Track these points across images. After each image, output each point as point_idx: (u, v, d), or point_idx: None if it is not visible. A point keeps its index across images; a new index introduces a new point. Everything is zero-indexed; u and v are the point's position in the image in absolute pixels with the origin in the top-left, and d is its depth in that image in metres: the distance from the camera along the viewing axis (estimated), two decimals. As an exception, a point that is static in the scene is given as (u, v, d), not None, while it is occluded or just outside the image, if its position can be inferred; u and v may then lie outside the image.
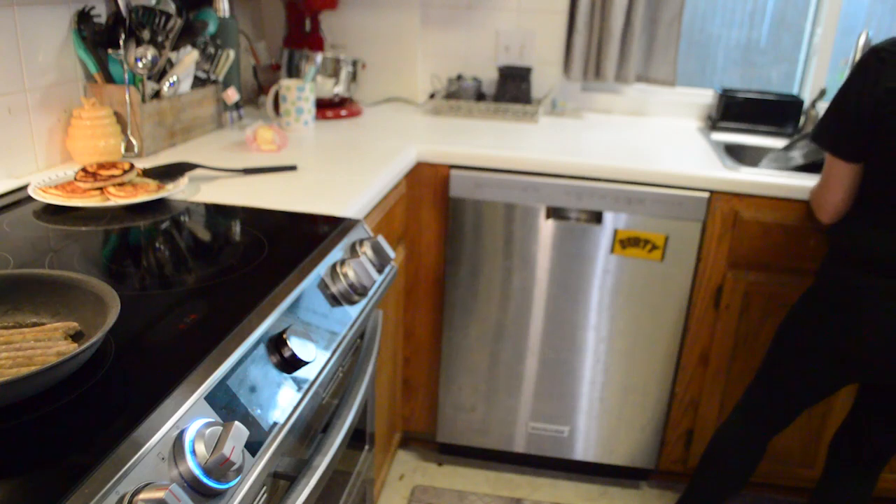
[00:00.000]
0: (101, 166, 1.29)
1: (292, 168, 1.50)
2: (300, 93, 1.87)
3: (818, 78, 2.23)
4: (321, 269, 1.03)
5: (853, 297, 1.30)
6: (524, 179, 1.76)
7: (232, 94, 1.83)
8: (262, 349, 0.82)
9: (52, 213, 1.19)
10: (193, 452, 0.63)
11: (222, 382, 0.73)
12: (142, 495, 0.56)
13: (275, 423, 0.77)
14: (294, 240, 1.12)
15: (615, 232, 1.77)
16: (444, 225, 1.86)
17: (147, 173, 1.34)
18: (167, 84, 1.60)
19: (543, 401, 1.97)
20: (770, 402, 1.54)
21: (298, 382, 0.85)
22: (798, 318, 1.47)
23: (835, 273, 1.36)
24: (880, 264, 1.26)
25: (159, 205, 1.26)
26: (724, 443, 1.59)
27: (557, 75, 2.31)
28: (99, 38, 1.50)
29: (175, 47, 1.60)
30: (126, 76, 1.50)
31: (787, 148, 1.93)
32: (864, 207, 1.33)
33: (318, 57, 2.00)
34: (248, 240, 1.11)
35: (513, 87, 2.21)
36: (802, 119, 2.14)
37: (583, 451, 2.01)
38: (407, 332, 1.99)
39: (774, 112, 2.13)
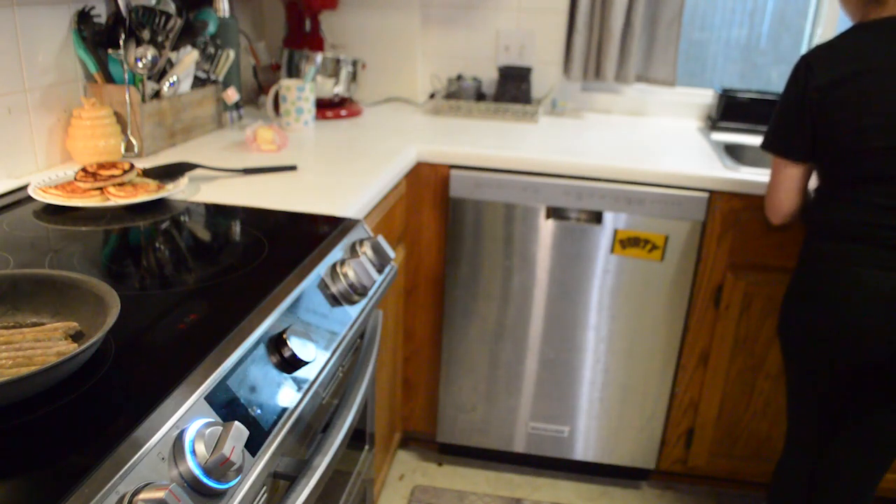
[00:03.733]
0: (101, 166, 1.29)
1: (292, 168, 1.50)
2: (300, 93, 1.87)
3: (818, 78, 2.23)
4: (321, 269, 1.03)
5: (824, 264, 1.40)
6: (524, 179, 1.76)
7: (232, 94, 1.83)
8: (262, 349, 0.82)
9: (52, 213, 1.19)
10: (193, 452, 0.63)
11: (222, 382, 0.73)
12: (142, 495, 0.56)
13: (275, 424, 0.77)
14: (294, 240, 1.12)
15: (615, 232, 1.77)
16: (444, 225, 1.86)
17: (147, 173, 1.34)
18: (167, 84, 1.60)
19: (543, 401, 1.97)
20: (802, 409, 1.54)
21: (298, 382, 0.85)
22: (788, 303, 1.50)
23: (807, 248, 1.46)
24: (840, 231, 1.38)
25: (159, 205, 1.26)
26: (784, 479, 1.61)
27: (557, 75, 2.31)
28: (99, 38, 1.50)
29: (175, 47, 1.60)
30: (126, 76, 1.50)
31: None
32: (824, 188, 1.46)
33: (318, 57, 2.00)
34: (248, 240, 1.11)
35: (513, 87, 2.21)
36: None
37: (583, 451, 2.01)
38: (407, 332, 1.99)
39: (774, 112, 2.13)
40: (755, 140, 2.08)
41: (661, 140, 2.01)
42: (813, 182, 1.51)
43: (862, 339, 1.35)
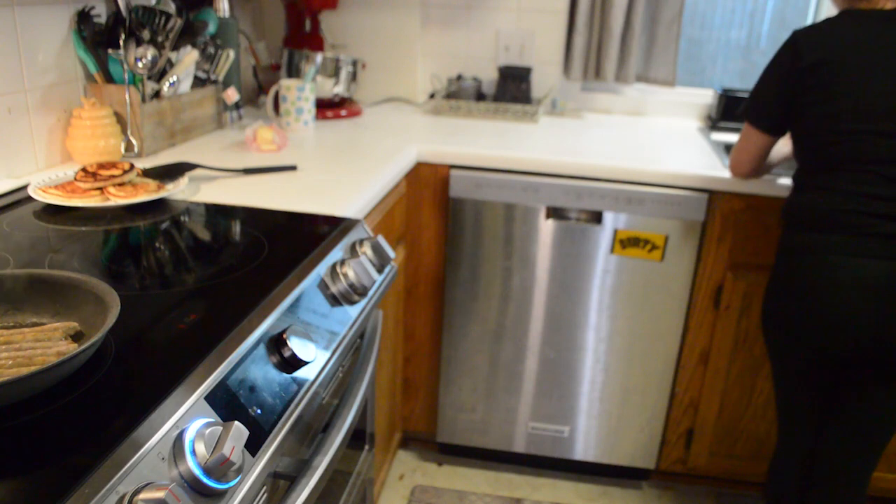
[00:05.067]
0: (101, 166, 1.29)
1: (292, 168, 1.50)
2: (300, 93, 1.87)
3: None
4: (321, 269, 1.03)
5: (802, 257, 1.40)
6: (524, 179, 1.76)
7: (232, 94, 1.83)
8: (262, 349, 0.82)
9: (52, 213, 1.19)
10: (193, 452, 0.63)
11: (222, 382, 0.73)
12: (142, 495, 0.56)
13: (275, 424, 0.77)
14: (294, 240, 1.12)
15: (615, 232, 1.77)
16: (444, 225, 1.86)
17: (147, 173, 1.34)
18: (167, 84, 1.60)
19: (543, 401, 1.97)
20: (789, 402, 1.54)
21: (298, 382, 0.85)
22: (769, 297, 1.50)
23: (785, 241, 1.46)
24: (815, 220, 1.38)
25: (159, 205, 1.26)
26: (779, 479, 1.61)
27: (557, 75, 2.31)
28: (99, 38, 1.50)
29: (175, 47, 1.60)
30: (126, 76, 1.50)
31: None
32: (799, 177, 1.47)
33: (318, 57, 2.00)
34: (248, 240, 1.11)
35: (513, 87, 2.21)
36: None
37: (583, 451, 2.01)
38: (407, 332, 1.99)
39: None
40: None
41: (661, 140, 2.01)
42: (790, 175, 1.51)
43: (844, 330, 1.35)
